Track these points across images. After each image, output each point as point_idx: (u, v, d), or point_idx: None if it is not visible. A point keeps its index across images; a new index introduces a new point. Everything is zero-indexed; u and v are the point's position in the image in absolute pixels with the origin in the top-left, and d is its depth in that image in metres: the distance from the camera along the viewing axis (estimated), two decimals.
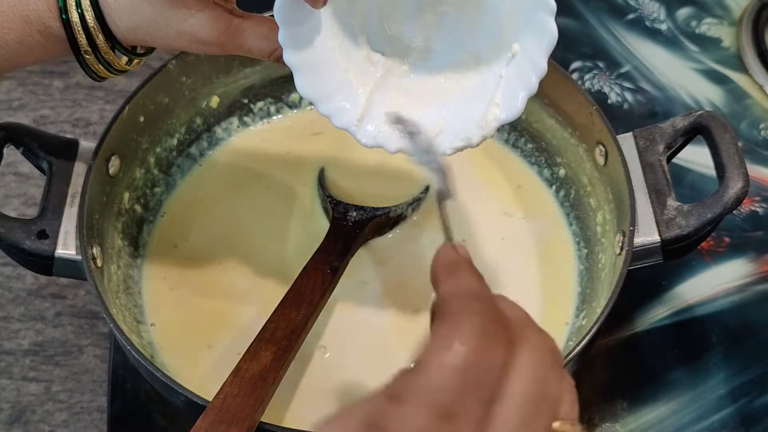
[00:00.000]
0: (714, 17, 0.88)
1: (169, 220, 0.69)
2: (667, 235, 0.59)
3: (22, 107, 0.92)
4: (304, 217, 0.70)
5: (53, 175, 0.62)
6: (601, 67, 0.85)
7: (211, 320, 0.64)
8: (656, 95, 0.83)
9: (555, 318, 0.64)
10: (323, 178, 0.71)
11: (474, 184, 0.71)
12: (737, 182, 0.59)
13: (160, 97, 0.68)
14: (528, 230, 0.69)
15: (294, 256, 0.66)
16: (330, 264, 0.63)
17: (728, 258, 0.73)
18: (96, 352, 0.77)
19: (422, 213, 0.70)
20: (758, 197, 0.76)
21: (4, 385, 0.76)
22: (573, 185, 0.69)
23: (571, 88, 0.66)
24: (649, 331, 0.69)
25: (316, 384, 0.61)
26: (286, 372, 0.56)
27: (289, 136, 0.74)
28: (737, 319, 0.70)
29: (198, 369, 0.61)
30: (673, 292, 0.71)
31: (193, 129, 0.72)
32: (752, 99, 0.82)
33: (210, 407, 0.51)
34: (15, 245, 0.59)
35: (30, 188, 0.86)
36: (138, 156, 0.68)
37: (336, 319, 0.64)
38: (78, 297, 0.80)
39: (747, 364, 0.67)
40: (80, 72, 0.55)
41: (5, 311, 0.80)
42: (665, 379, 0.67)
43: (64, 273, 0.60)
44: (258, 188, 0.71)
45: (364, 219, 0.67)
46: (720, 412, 0.65)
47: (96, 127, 0.91)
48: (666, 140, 0.63)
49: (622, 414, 0.65)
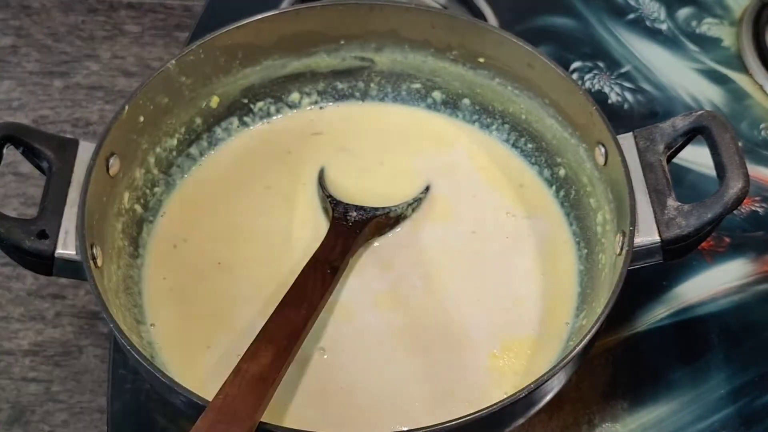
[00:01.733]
0: (714, 17, 0.88)
1: (169, 220, 0.69)
2: (667, 235, 0.59)
3: (22, 107, 0.92)
4: (304, 217, 0.70)
5: (53, 175, 0.61)
6: (601, 67, 0.85)
7: (211, 320, 0.64)
8: (656, 95, 0.83)
9: (555, 318, 0.64)
10: (323, 178, 0.71)
11: (477, 183, 0.71)
12: (737, 182, 0.59)
13: (160, 97, 0.68)
14: (530, 230, 0.69)
15: (294, 256, 0.66)
16: (330, 264, 0.62)
17: (728, 258, 0.73)
18: (96, 352, 0.77)
19: (422, 213, 0.70)
20: (758, 197, 0.76)
21: (4, 385, 0.76)
22: (573, 185, 0.69)
23: (571, 88, 0.66)
24: (649, 331, 0.69)
25: (315, 385, 0.61)
26: (286, 372, 0.56)
27: (289, 136, 0.74)
28: (738, 319, 0.70)
29: (198, 369, 0.61)
30: (674, 292, 0.71)
31: (193, 129, 0.72)
32: (752, 99, 0.82)
33: (210, 407, 0.51)
34: (15, 245, 0.59)
35: (30, 188, 0.86)
36: (138, 156, 0.68)
37: (335, 321, 0.64)
38: (78, 297, 0.80)
39: (747, 364, 0.67)
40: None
41: (5, 311, 0.80)
42: (665, 379, 0.67)
43: (64, 273, 0.60)
44: (258, 188, 0.71)
45: (364, 219, 0.67)
46: (720, 412, 0.65)
47: (96, 127, 0.91)
48: (666, 140, 0.63)
49: (622, 414, 0.65)
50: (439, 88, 0.75)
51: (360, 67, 0.75)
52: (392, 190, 0.70)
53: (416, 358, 0.62)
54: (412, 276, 0.66)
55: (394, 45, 0.73)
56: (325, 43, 0.73)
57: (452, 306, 0.65)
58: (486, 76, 0.72)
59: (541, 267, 0.67)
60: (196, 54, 0.68)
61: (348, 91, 0.76)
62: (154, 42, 0.97)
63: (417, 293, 0.66)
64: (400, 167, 0.72)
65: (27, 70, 0.95)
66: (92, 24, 0.98)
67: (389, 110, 0.76)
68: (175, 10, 1.00)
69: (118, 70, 0.95)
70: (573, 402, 0.66)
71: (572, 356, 0.55)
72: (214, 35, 0.69)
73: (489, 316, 0.64)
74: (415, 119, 0.76)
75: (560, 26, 0.88)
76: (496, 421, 0.55)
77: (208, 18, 0.87)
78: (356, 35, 0.73)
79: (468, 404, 0.60)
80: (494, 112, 0.74)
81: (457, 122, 0.75)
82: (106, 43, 0.97)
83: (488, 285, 0.66)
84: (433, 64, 0.74)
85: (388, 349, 0.63)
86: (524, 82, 0.71)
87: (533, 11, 0.89)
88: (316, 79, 0.75)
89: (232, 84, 0.72)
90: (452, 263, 0.67)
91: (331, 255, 0.63)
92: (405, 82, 0.75)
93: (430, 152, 0.74)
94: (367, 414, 0.60)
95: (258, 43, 0.71)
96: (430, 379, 0.61)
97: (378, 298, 0.65)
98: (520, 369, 0.62)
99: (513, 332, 0.64)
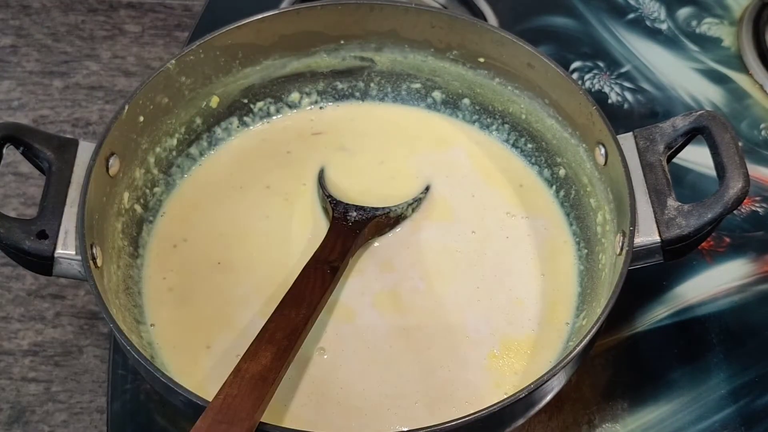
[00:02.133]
0: (714, 17, 0.88)
1: (169, 220, 0.69)
2: (667, 235, 0.59)
3: (22, 107, 0.92)
4: (304, 217, 0.70)
5: (53, 175, 0.61)
6: (601, 67, 0.85)
7: (211, 320, 0.64)
8: (656, 95, 0.82)
9: (555, 318, 0.64)
10: (323, 178, 0.71)
11: (477, 183, 0.71)
12: (738, 182, 0.59)
13: (159, 97, 0.68)
14: (530, 230, 0.69)
15: (294, 256, 0.66)
16: (330, 264, 0.62)
17: (728, 258, 0.73)
18: (96, 353, 0.77)
19: (422, 213, 0.70)
20: (758, 197, 0.76)
21: (4, 386, 0.76)
22: (573, 185, 0.69)
23: (571, 88, 0.66)
24: (650, 331, 0.69)
25: (315, 385, 0.61)
26: (286, 372, 0.56)
27: (289, 136, 0.74)
28: (738, 319, 0.70)
29: (198, 369, 0.61)
30: (674, 292, 0.71)
31: (193, 129, 0.72)
32: (752, 99, 0.82)
33: (210, 407, 0.51)
34: (15, 245, 0.59)
35: (29, 188, 0.86)
36: (138, 156, 0.68)
37: (335, 321, 0.64)
38: (78, 297, 0.80)
39: (747, 364, 0.67)
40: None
41: (5, 311, 0.80)
42: (665, 379, 0.67)
43: (64, 273, 0.60)
44: (258, 188, 0.71)
45: (364, 219, 0.67)
46: (721, 412, 0.65)
47: (96, 127, 0.91)
48: (666, 140, 0.63)
49: (622, 414, 0.65)
50: (439, 88, 0.75)
51: (360, 67, 0.75)
52: (392, 190, 0.70)
53: (416, 358, 0.62)
54: (412, 276, 0.66)
55: (394, 45, 0.73)
56: (325, 43, 0.73)
57: (452, 306, 0.65)
58: (486, 76, 0.72)
59: (541, 267, 0.67)
60: (196, 54, 0.68)
61: (348, 91, 0.76)
62: (154, 42, 0.97)
63: (417, 293, 0.66)
64: (399, 167, 0.72)
65: (27, 70, 0.95)
66: (92, 24, 0.98)
67: (389, 110, 0.76)
68: (175, 10, 1.00)
69: (118, 70, 0.95)
70: (573, 402, 0.66)
71: (572, 356, 0.55)
72: (214, 35, 0.69)
73: (489, 316, 0.64)
74: (415, 119, 0.76)
75: (560, 26, 0.88)
76: (496, 422, 0.55)
77: (208, 18, 0.87)
78: (356, 35, 0.73)
79: (468, 404, 0.60)
80: (494, 112, 0.74)
81: (457, 122, 0.75)
82: (106, 43, 0.97)
83: (488, 285, 0.66)
84: (433, 64, 0.74)
85: (387, 349, 0.63)
86: (524, 82, 0.71)
87: (533, 11, 0.89)
88: (316, 79, 0.75)
89: (232, 84, 0.72)
90: (452, 263, 0.67)
91: (331, 255, 0.63)
92: (405, 82, 0.75)
93: (430, 152, 0.74)
94: (367, 414, 0.60)
95: (258, 43, 0.71)
96: (429, 379, 0.61)
97: (378, 298, 0.65)
98: (519, 369, 0.62)
99: (513, 332, 0.64)
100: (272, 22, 0.70)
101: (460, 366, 0.62)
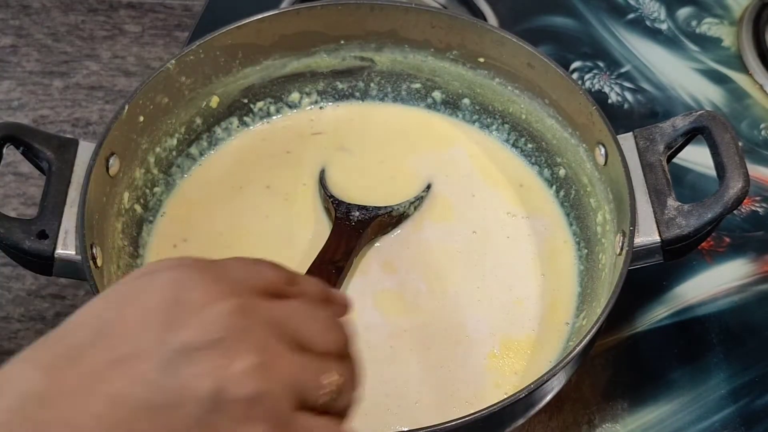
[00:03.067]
0: (714, 17, 0.88)
1: (169, 220, 0.69)
2: (667, 235, 0.59)
3: (22, 107, 0.92)
4: (304, 218, 0.70)
5: (53, 175, 0.61)
6: (601, 67, 0.85)
7: None
8: (656, 95, 0.83)
9: (555, 318, 0.64)
10: (324, 178, 0.71)
11: (477, 183, 0.71)
12: (737, 182, 0.59)
13: (159, 97, 0.68)
14: (530, 230, 0.69)
15: (294, 256, 0.66)
16: (335, 264, 0.62)
17: (728, 258, 0.73)
18: None
19: (423, 213, 0.70)
20: (758, 197, 0.76)
21: None
22: (573, 185, 0.69)
23: (571, 88, 0.66)
24: (649, 331, 0.69)
25: None
26: None
27: (289, 136, 0.74)
28: (738, 319, 0.70)
29: None
30: (674, 292, 0.71)
31: (193, 129, 0.72)
32: (752, 99, 0.82)
33: None
34: (15, 245, 0.59)
35: (29, 188, 0.86)
36: (138, 156, 0.68)
37: None
38: (78, 297, 0.80)
39: (748, 364, 0.67)
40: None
41: (5, 312, 0.79)
42: (665, 379, 0.67)
43: (64, 273, 0.60)
44: (258, 188, 0.71)
45: (367, 218, 0.67)
46: (721, 412, 0.65)
47: (96, 127, 0.90)
48: (666, 140, 0.63)
49: (623, 414, 0.65)
50: (439, 88, 0.75)
51: (360, 67, 0.75)
52: (392, 189, 0.70)
53: (417, 358, 0.62)
54: (413, 276, 0.66)
55: (394, 45, 0.73)
56: (325, 43, 0.73)
57: (452, 306, 0.65)
58: (486, 76, 0.72)
59: (541, 267, 0.67)
60: (196, 54, 0.68)
61: (348, 91, 0.76)
62: (154, 42, 0.97)
63: (417, 294, 0.66)
64: (400, 167, 0.72)
65: (27, 70, 0.95)
66: (92, 24, 0.98)
67: (389, 110, 0.76)
68: (175, 10, 1.00)
69: (118, 70, 0.95)
70: (573, 402, 0.66)
71: (572, 356, 0.55)
72: (214, 35, 0.69)
73: (489, 315, 0.64)
74: (415, 119, 0.76)
75: (560, 26, 0.88)
76: (496, 421, 0.55)
77: (208, 18, 0.87)
78: (356, 35, 0.73)
79: (468, 404, 0.60)
80: (494, 112, 0.74)
81: (457, 122, 0.75)
82: (106, 43, 0.97)
83: (488, 285, 0.66)
84: (433, 64, 0.74)
85: (388, 348, 0.63)
86: (524, 82, 0.71)
87: (533, 11, 0.89)
88: (316, 79, 0.75)
89: (232, 84, 0.72)
90: (453, 263, 0.67)
91: (335, 255, 0.63)
92: (405, 82, 0.75)
93: (430, 152, 0.74)
94: (367, 414, 0.60)
95: (258, 43, 0.71)
96: (430, 379, 0.61)
97: (378, 299, 0.65)
98: (520, 369, 0.62)
99: (513, 332, 0.64)
100: (272, 22, 0.70)
101: (461, 366, 0.62)
